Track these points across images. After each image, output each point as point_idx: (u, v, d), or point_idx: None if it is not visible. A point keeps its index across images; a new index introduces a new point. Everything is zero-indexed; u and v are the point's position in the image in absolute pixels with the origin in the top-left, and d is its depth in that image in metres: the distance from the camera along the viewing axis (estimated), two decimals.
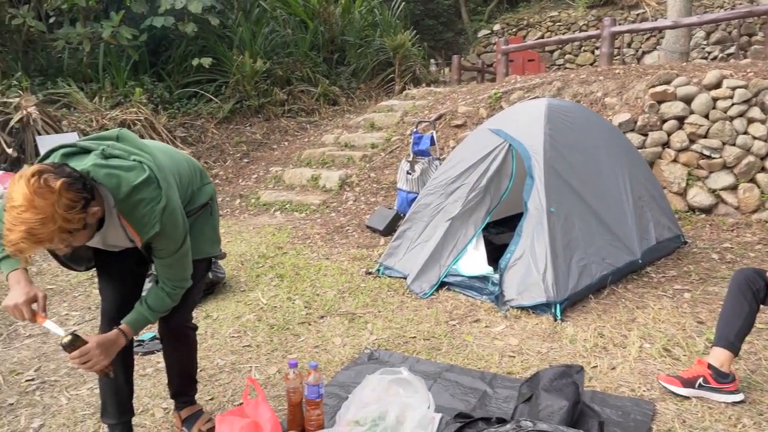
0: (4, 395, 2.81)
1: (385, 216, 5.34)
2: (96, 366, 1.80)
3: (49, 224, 1.53)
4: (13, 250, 1.53)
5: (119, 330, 1.89)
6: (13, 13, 8.09)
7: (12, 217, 1.51)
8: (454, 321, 3.45)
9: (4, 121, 6.91)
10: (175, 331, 2.22)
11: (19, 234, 1.50)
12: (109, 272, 2.13)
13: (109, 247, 1.98)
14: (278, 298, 3.93)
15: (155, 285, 1.97)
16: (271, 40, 10.46)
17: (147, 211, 1.76)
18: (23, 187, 1.51)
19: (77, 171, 1.64)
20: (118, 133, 1.88)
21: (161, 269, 1.93)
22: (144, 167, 1.77)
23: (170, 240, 1.86)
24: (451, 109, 7.35)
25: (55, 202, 1.53)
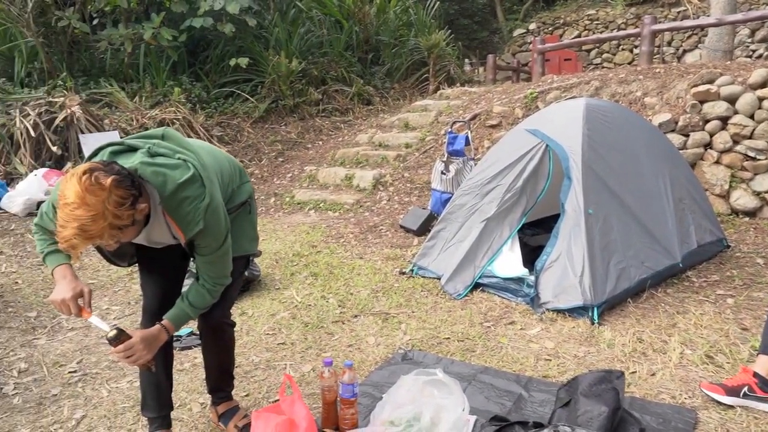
0: (48, 386, 2.89)
1: (418, 216, 5.32)
2: (139, 360, 1.84)
3: (99, 221, 1.57)
4: (67, 246, 1.58)
5: (161, 325, 1.93)
6: (59, 15, 8.34)
7: (65, 214, 1.55)
8: (489, 322, 3.42)
9: (50, 119, 7.12)
10: (214, 327, 2.25)
11: (72, 230, 1.55)
12: (150, 268, 2.18)
13: (153, 244, 2.02)
14: (312, 296, 3.95)
15: (196, 282, 2.00)
16: (307, 40, 10.54)
17: (191, 208, 1.79)
18: (75, 185, 1.55)
19: (125, 169, 1.68)
20: (163, 132, 1.92)
21: (203, 266, 1.96)
22: (188, 165, 1.81)
23: (213, 237, 1.88)
24: (486, 109, 7.29)
25: (105, 199, 1.57)
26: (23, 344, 3.39)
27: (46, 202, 1.92)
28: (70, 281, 1.84)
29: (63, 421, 2.56)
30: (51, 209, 1.87)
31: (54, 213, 1.84)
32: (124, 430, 2.47)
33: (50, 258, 1.91)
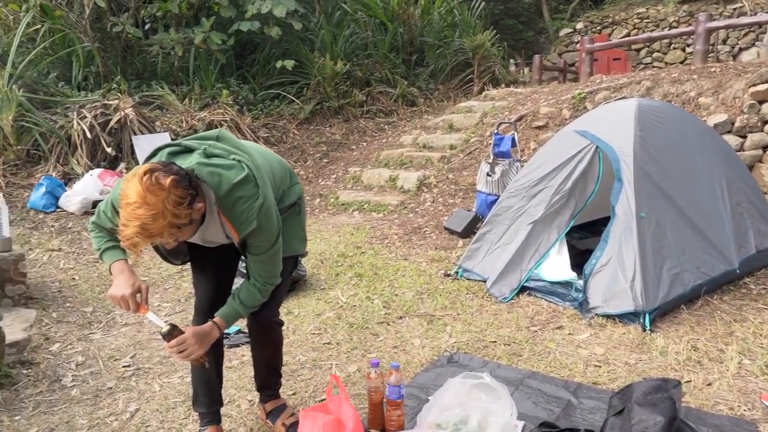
0: (104, 379, 2.99)
1: (463, 218, 5.29)
2: (192, 356, 1.88)
3: (159, 219, 1.61)
4: (128, 244, 1.63)
5: (213, 322, 1.97)
6: (114, 20, 8.62)
7: (127, 213, 1.60)
8: (536, 327, 3.37)
9: (105, 121, 7.37)
10: (263, 325, 2.29)
11: (134, 229, 1.60)
12: (203, 267, 2.23)
13: (207, 243, 2.06)
14: (357, 297, 3.97)
15: (247, 281, 2.03)
16: (352, 42, 10.60)
17: (245, 208, 1.82)
18: (136, 185, 1.60)
19: (183, 169, 1.72)
20: (218, 134, 1.96)
21: (254, 265, 2.00)
22: (243, 166, 1.84)
23: (265, 237, 1.91)
24: (533, 110, 7.18)
25: (165, 199, 1.61)
26: (80, 338, 3.52)
27: (104, 201, 1.98)
28: (128, 277, 1.90)
29: (118, 413, 2.64)
30: (109, 208, 1.92)
31: (112, 212, 1.90)
32: (175, 424, 2.53)
33: (107, 254, 1.97)
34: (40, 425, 2.55)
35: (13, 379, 2.93)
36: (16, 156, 7.13)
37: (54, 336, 3.53)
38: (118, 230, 1.65)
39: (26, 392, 2.85)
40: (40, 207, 6.27)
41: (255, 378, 2.48)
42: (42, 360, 3.20)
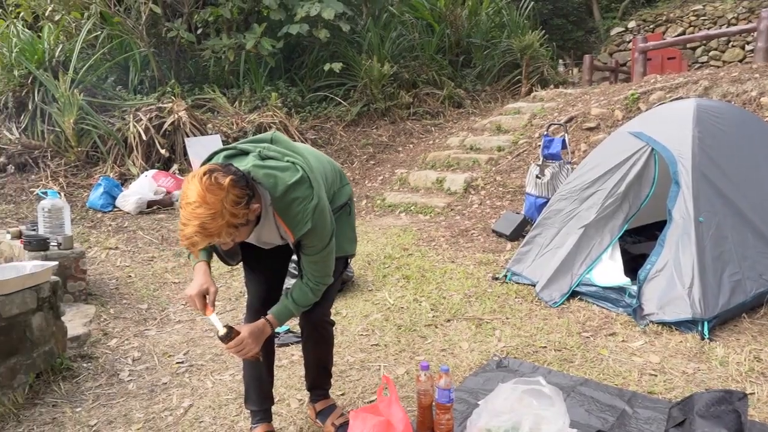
0: (158, 374, 3.07)
1: (512, 221, 5.22)
2: (249, 353, 1.92)
3: (218, 219, 1.65)
4: (188, 243, 1.67)
5: (266, 320, 2.00)
6: (168, 26, 8.89)
7: (187, 213, 1.65)
8: (587, 333, 3.30)
9: (159, 124, 7.59)
10: (315, 325, 2.31)
11: (193, 228, 1.64)
12: (255, 267, 2.27)
13: (262, 244, 2.10)
14: (405, 299, 3.97)
15: (300, 280, 2.06)
16: (399, 44, 10.62)
17: (300, 209, 1.85)
18: (196, 185, 1.64)
19: (241, 170, 1.76)
20: (272, 136, 1.99)
21: (307, 266, 2.02)
22: (297, 168, 1.86)
23: (319, 237, 1.93)
24: (583, 111, 7.04)
25: (223, 198, 1.65)
26: (136, 334, 3.63)
27: None
28: (200, 278, 1.98)
29: (172, 408, 2.71)
30: None
31: None
32: (227, 420, 2.58)
33: (193, 256, 2.07)
34: (99, 417, 2.64)
35: (74, 372, 3.05)
36: (76, 157, 7.42)
37: (112, 331, 3.65)
38: (179, 230, 1.69)
39: (86, 385, 2.95)
40: (98, 206, 6.50)
41: (305, 377, 2.51)
42: (101, 354, 3.31)
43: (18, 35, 8.06)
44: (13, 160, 7.26)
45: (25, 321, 2.78)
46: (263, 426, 2.31)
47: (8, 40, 7.98)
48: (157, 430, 2.52)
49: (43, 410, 2.69)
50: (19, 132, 7.54)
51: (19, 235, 4.05)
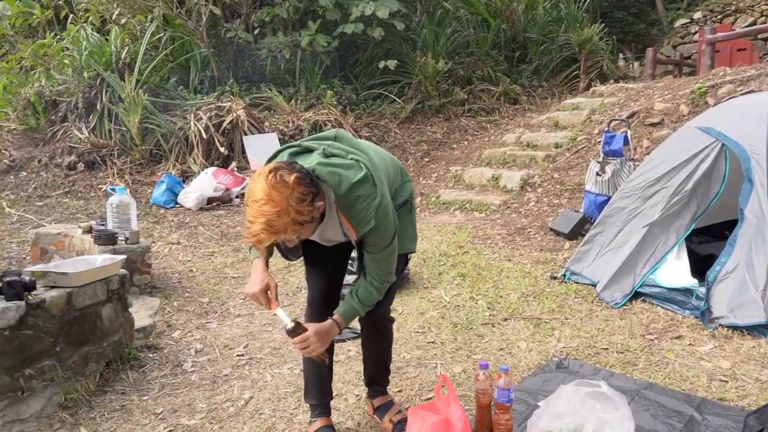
0: (220, 366, 3.16)
1: (570, 219, 5.10)
2: (314, 352, 1.95)
3: (284, 216, 1.68)
4: (254, 240, 1.71)
5: (333, 320, 2.02)
6: (227, 27, 9.10)
7: (253, 210, 1.68)
8: (652, 335, 3.19)
9: (218, 122, 7.80)
10: (376, 322, 2.32)
11: (260, 225, 1.67)
12: (316, 264, 2.29)
13: (325, 241, 2.12)
14: (461, 297, 3.94)
15: (364, 279, 2.07)
16: (453, 40, 10.54)
17: (364, 207, 1.86)
18: (262, 183, 1.67)
19: (305, 168, 1.78)
20: (335, 134, 2.01)
21: (371, 264, 2.03)
22: (361, 166, 1.87)
23: (382, 235, 1.94)
24: (646, 106, 6.80)
25: (288, 195, 1.67)
26: (198, 326, 3.74)
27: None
28: (259, 275, 2.02)
29: (234, 399, 2.78)
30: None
31: None
32: (287, 413, 2.62)
33: (252, 251, 2.12)
34: (165, 406, 2.74)
35: (141, 362, 3.17)
36: (141, 155, 7.71)
37: (175, 323, 3.77)
38: (245, 227, 1.73)
39: (152, 374, 3.06)
40: (161, 202, 6.73)
41: (364, 373, 2.52)
42: (165, 345, 3.43)
43: (87, 38, 8.43)
44: (82, 158, 7.61)
45: (96, 312, 2.90)
46: (322, 420, 2.33)
47: (79, 44, 8.37)
48: (219, 420, 2.59)
49: (113, 397, 2.81)
50: (88, 131, 7.89)
51: (90, 230, 4.23)
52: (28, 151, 7.98)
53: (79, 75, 8.20)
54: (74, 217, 6.38)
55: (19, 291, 2.51)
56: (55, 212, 6.59)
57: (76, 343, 2.78)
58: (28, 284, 2.59)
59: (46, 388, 2.63)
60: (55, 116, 8.30)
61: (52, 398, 2.65)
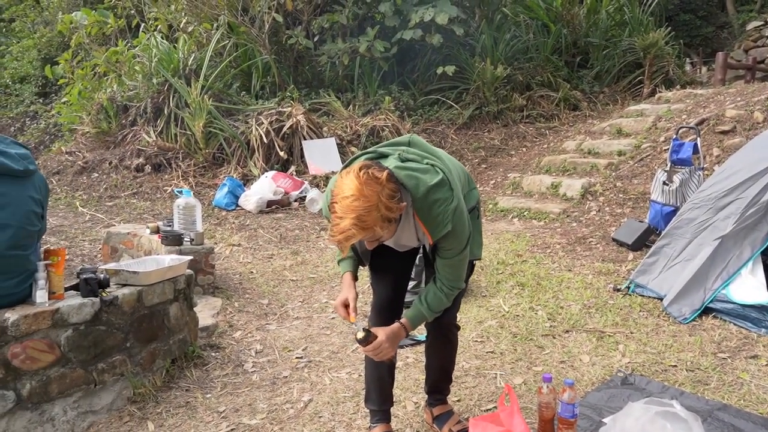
0: (279, 368, 3.21)
1: (634, 229, 4.94)
2: (385, 356, 1.99)
3: (373, 212, 1.71)
4: (342, 237, 1.72)
5: (401, 324, 2.04)
6: (289, 33, 9.29)
7: (343, 207, 1.71)
8: (724, 353, 3.05)
9: (279, 127, 7.96)
10: (444, 328, 2.32)
11: (350, 221, 1.69)
12: (382, 269, 2.29)
13: (398, 246, 2.14)
14: (520, 306, 3.87)
15: (434, 285, 2.07)
16: (512, 45, 10.41)
17: (441, 211, 1.86)
18: (353, 180, 1.71)
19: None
20: (409, 139, 2.03)
21: (443, 269, 2.03)
22: (437, 170, 1.88)
23: (458, 240, 1.94)
24: (716, 113, 6.53)
25: (380, 192, 1.71)
26: (258, 328, 3.81)
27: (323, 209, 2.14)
28: (344, 289, 2.10)
29: (293, 401, 2.82)
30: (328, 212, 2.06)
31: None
32: (345, 417, 2.63)
33: (341, 264, 2.19)
34: (227, 404, 2.80)
35: (204, 360, 3.25)
36: (204, 159, 7.95)
37: (236, 324, 3.86)
38: (332, 225, 1.75)
39: (215, 373, 3.14)
40: (222, 205, 6.92)
41: (426, 380, 2.50)
42: (227, 345, 3.51)
43: (157, 46, 8.77)
44: (150, 160, 7.91)
45: (164, 310, 3.00)
46: (382, 426, 2.33)
47: (149, 51, 8.72)
48: (279, 421, 2.63)
49: (178, 394, 2.89)
50: (155, 135, 8.21)
51: (157, 230, 4.38)
52: (100, 153, 8.36)
53: (148, 81, 8.54)
54: (141, 217, 6.63)
55: (94, 288, 2.63)
56: (124, 212, 6.88)
57: (145, 340, 2.88)
58: (103, 282, 2.70)
59: (117, 382, 2.73)
60: (126, 120, 8.67)
61: (122, 392, 2.75)
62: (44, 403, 2.45)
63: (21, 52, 13.01)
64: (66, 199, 7.45)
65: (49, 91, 12.20)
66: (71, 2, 12.62)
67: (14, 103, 12.36)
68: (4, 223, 2.32)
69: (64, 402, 2.52)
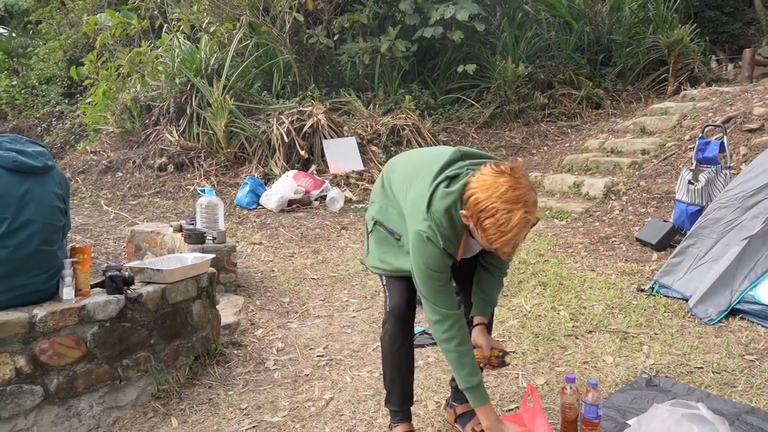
0: (301, 366, 3.22)
1: (659, 229, 4.86)
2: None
3: (532, 193, 1.80)
4: (513, 235, 1.76)
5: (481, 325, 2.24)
6: (309, 33, 9.33)
7: (512, 197, 1.74)
8: (752, 355, 2.99)
9: (299, 126, 7.99)
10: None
11: (520, 213, 1.74)
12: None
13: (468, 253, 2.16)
14: (542, 306, 3.84)
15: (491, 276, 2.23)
16: (534, 43, 10.34)
17: None
18: (507, 178, 1.76)
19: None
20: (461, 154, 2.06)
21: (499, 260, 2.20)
22: None
23: None
24: (743, 110, 6.41)
25: (522, 177, 1.80)
26: (279, 326, 3.83)
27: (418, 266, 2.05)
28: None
29: (314, 399, 2.83)
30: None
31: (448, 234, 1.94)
32: (366, 416, 2.64)
33: (481, 395, 2.09)
34: (249, 402, 2.82)
35: (227, 358, 3.28)
36: (226, 158, 8.02)
37: (258, 322, 3.89)
38: (497, 225, 1.75)
39: (237, 370, 3.16)
40: (244, 204, 6.98)
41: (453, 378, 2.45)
42: (249, 343, 3.53)
43: (180, 46, 8.87)
44: (172, 160, 8.00)
45: (187, 307, 3.03)
46: (404, 425, 2.32)
47: (171, 51, 8.82)
48: (301, 419, 2.64)
49: (201, 390, 2.92)
50: (178, 134, 8.30)
51: (180, 229, 4.43)
52: (124, 152, 8.48)
53: (171, 81, 8.64)
54: (164, 216, 6.71)
55: (119, 285, 2.67)
56: (147, 211, 6.97)
57: (169, 337, 2.91)
58: (128, 279, 2.74)
59: (141, 378, 2.77)
60: (149, 120, 8.78)
61: (146, 388, 2.79)
62: (71, 399, 2.49)
63: (47, 53, 13.24)
64: (91, 198, 7.57)
65: (75, 91, 12.41)
66: (96, 4, 12.81)
67: (41, 104, 12.59)
68: (30, 219, 2.37)
69: (90, 397, 2.56)
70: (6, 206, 2.32)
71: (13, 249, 2.32)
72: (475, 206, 1.77)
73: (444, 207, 1.89)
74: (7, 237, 2.31)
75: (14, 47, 14.68)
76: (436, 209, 1.90)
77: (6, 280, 2.34)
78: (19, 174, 2.39)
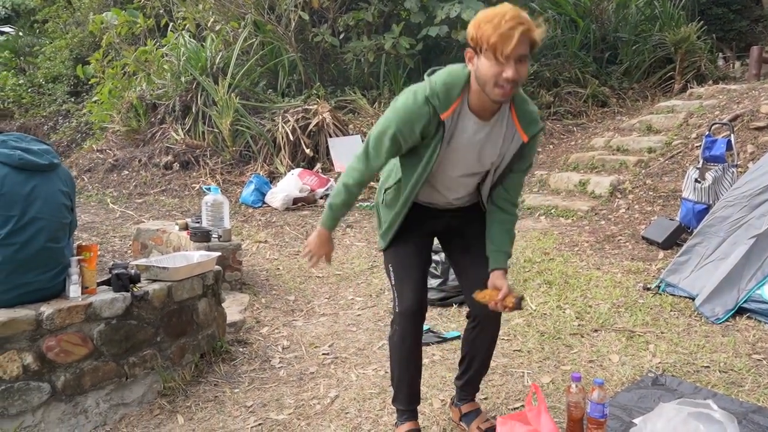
0: (306, 364, 3.22)
1: (665, 227, 4.85)
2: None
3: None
4: (515, 22, 1.84)
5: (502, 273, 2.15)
6: (314, 31, 9.33)
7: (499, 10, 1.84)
8: (759, 355, 2.98)
9: (305, 125, 8.00)
10: (491, 314, 2.21)
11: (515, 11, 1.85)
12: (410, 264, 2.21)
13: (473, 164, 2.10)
14: (548, 305, 3.83)
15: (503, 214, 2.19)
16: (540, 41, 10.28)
17: (533, 108, 2.08)
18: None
19: None
20: None
21: (513, 189, 2.19)
22: None
23: (537, 146, 2.15)
24: (751, 108, 6.38)
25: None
26: (285, 324, 3.84)
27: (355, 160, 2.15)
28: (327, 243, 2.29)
29: (320, 397, 2.83)
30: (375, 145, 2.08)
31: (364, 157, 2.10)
32: (372, 414, 2.64)
33: (327, 221, 2.25)
34: (254, 399, 2.83)
35: (232, 356, 3.29)
36: (231, 156, 8.04)
37: (263, 320, 3.89)
38: (493, 24, 1.81)
39: (242, 368, 3.17)
40: (249, 202, 6.99)
41: (461, 374, 2.42)
42: (254, 341, 3.54)
43: (185, 45, 8.89)
44: (178, 158, 8.03)
45: (193, 305, 3.04)
46: (410, 424, 2.31)
47: (177, 50, 8.84)
48: (306, 417, 2.65)
49: (207, 388, 2.93)
50: (183, 133, 8.32)
51: (186, 227, 4.44)
52: (130, 151, 8.51)
53: (176, 79, 8.66)
54: (170, 214, 6.73)
55: (125, 283, 2.67)
56: (153, 209, 6.99)
57: (175, 335, 2.92)
58: (134, 277, 2.75)
59: (147, 375, 2.78)
60: (155, 118, 8.81)
61: (152, 386, 2.80)
62: (78, 395, 2.50)
63: (53, 52, 13.29)
64: (97, 196, 7.60)
65: (81, 90, 12.45)
66: (102, 3, 12.84)
67: (47, 102, 12.65)
68: (37, 217, 2.38)
69: (96, 394, 2.57)
70: (12, 204, 2.34)
71: (20, 246, 2.33)
72: (475, 22, 1.88)
73: (448, 68, 2.04)
74: (13, 235, 2.32)
75: (21, 46, 14.75)
76: (438, 75, 2.02)
77: (13, 278, 2.35)
78: (25, 172, 2.40)
